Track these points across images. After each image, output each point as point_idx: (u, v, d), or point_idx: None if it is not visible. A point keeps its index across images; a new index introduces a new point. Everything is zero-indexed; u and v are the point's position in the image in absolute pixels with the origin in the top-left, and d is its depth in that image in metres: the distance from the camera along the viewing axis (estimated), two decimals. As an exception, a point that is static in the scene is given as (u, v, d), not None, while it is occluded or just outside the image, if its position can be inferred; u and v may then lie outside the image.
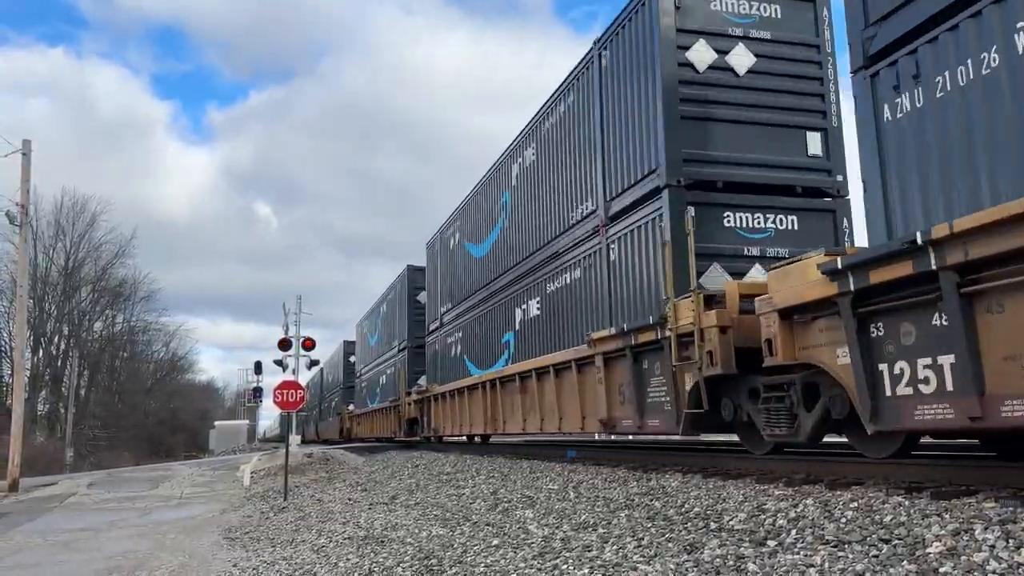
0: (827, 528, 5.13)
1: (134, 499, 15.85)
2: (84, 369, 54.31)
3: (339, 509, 11.25)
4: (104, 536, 10.64)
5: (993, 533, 4.26)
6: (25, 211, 21.26)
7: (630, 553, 5.57)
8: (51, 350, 52.82)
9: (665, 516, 6.62)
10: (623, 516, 6.95)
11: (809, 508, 5.70)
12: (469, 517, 8.55)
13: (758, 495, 6.56)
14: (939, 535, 4.45)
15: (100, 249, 55.89)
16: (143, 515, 13.10)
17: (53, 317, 52.90)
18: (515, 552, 6.26)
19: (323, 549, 7.97)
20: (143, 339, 65.30)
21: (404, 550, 7.15)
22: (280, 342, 29.31)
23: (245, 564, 7.67)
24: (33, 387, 44.79)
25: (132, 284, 59.73)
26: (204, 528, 11.00)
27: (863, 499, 5.60)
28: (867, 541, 4.68)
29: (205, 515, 12.70)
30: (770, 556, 4.86)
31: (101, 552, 9.25)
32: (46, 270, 52.30)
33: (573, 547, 6.07)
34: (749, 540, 5.31)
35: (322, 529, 9.43)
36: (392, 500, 11.43)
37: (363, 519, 9.70)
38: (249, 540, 9.38)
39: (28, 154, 21.13)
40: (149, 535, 10.52)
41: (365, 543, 7.87)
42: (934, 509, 4.96)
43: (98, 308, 57.69)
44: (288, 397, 15.09)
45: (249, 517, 11.79)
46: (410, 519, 9.16)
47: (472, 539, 7.17)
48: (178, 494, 16.68)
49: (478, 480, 11.72)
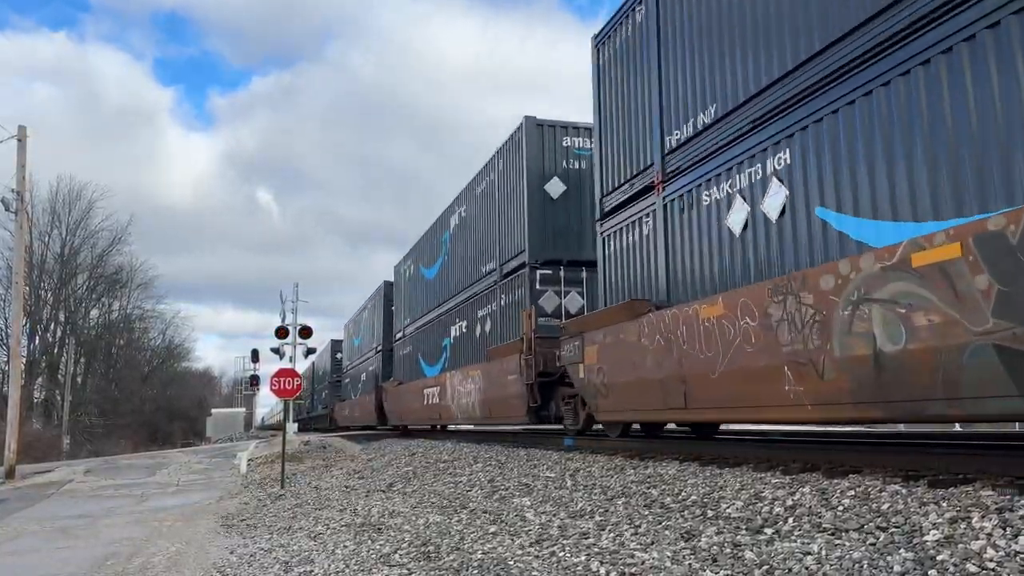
0: (824, 516, 5.14)
1: (131, 486, 15.85)
2: (81, 356, 54.27)
3: (336, 496, 11.26)
4: (101, 523, 10.64)
5: (991, 521, 4.26)
6: (21, 197, 21.16)
7: (627, 540, 5.58)
8: (47, 337, 52.74)
9: (662, 504, 6.63)
10: (620, 504, 6.96)
11: (806, 496, 5.70)
12: (466, 505, 8.56)
13: (755, 483, 6.56)
14: (936, 523, 4.45)
15: (97, 236, 55.75)
16: (140, 502, 13.11)
17: (49, 304, 52.79)
18: (512, 539, 6.27)
19: (320, 536, 7.97)
20: (140, 326, 65.28)
21: (401, 537, 7.15)
22: (277, 330, 29.40)
23: (242, 551, 7.67)
24: (29, 374, 44.73)
25: (129, 271, 59.68)
26: (201, 515, 11.01)
27: (860, 487, 5.60)
28: (864, 529, 4.68)
29: (202, 502, 12.71)
30: (767, 544, 4.86)
31: (98, 539, 9.25)
32: (42, 257, 52.14)
33: (570, 534, 6.07)
34: (746, 528, 5.32)
35: (319, 516, 9.43)
36: (389, 488, 11.44)
37: (360, 506, 9.71)
38: (246, 527, 9.38)
39: (24, 140, 21.01)
40: (146, 522, 10.53)
41: (362, 530, 7.87)
42: (931, 497, 4.96)
43: (95, 295, 57.61)
44: (285, 385, 15.09)
45: (246, 504, 11.80)
46: (407, 506, 9.17)
47: (469, 526, 7.18)
48: (175, 481, 16.69)
49: (475, 468, 11.74)
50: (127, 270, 59.45)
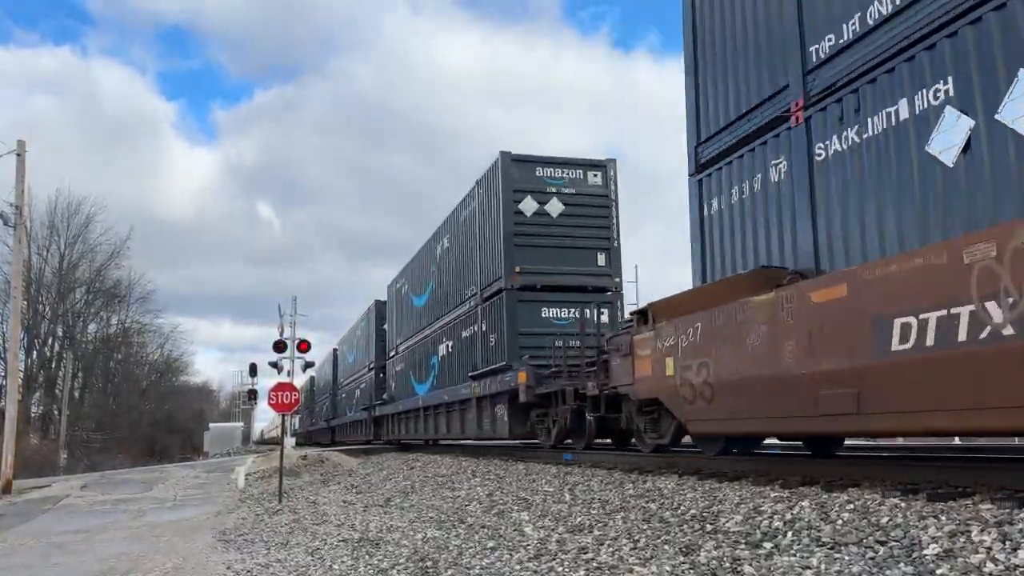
0: (823, 530, 5.12)
1: (128, 501, 15.77)
2: (78, 371, 54.06)
3: (334, 511, 11.21)
4: (98, 538, 10.58)
5: (990, 535, 4.25)
6: (19, 212, 21.18)
7: (626, 555, 5.55)
8: (45, 351, 52.58)
9: (661, 518, 6.60)
10: (619, 518, 6.94)
11: (805, 510, 5.69)
12: (464, 519, 8.52)
13: (754, 497, 6.55)
14: (936, 537, 4.44)
15: (95, 250, 55.66)
16: (137, 517, 13.04)
17: (47, 318, 52.67)
18: (511, 554, 6.24)
19: (318, 551, 7.93)
20: (138, 341, 65.08)
21: (399, 552, 7.11)
22: (275, 344, 29.36)
23: (239, 567, 7.62)
24: (27, 388, 44.60)
25: (127, 285, 59.52)
26: (198, 530, 10.95)
27: (859, 501, 5.59)
28: (864, 543, 4.67)
29: (199, 517, 12.65)
30: (766, 558, 4.84)
31: (95, 554, 9.19)
32: (40, 271, 52.07)
33: (569, 549, 6.05)
34: (745, 542, 5.30)
35: (317, 531, 9.39)
36: (387, 502, 11.39)
37: (358, 521, 9.66)
38: (244, 542, 9.32)
39: (23, 155, 21.05)
40: (143, 537, 10.47)
41: (360, 545, 7.83)
42: (931, 511, 4.95)
43: (92, 309, 57.46)
44: (283, 399, 15.06)
45: (244, 519, 11.74)
46: (405, 521, 9.13)
47: (468, 541, 7.15)
48: (172, 496, 16.61)
49: (473, 482, 11.69)
50: (125, 284, 59.33)
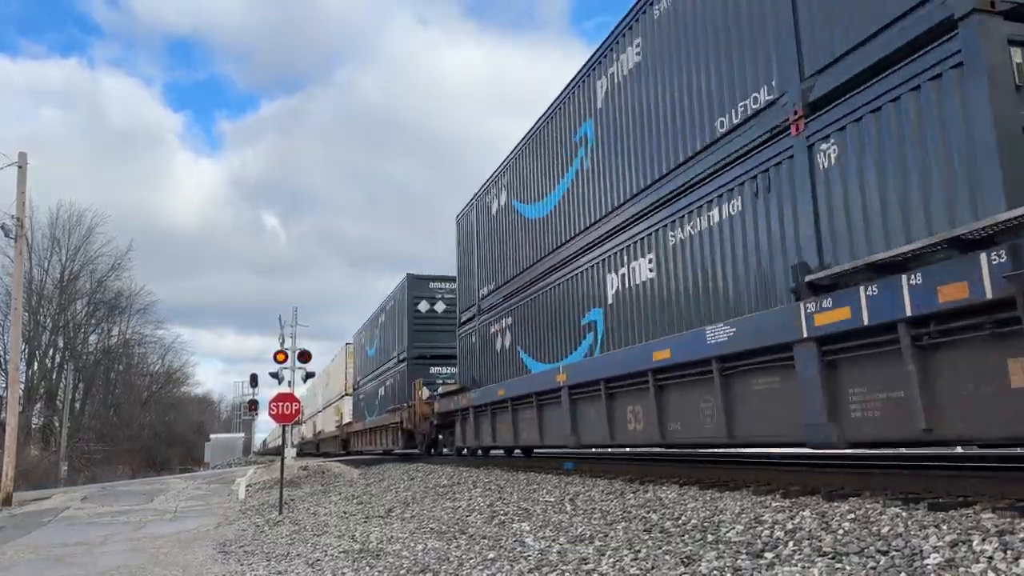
0: (824, 540, 5.11)
1: (128, 513, 15.74)
2: (79, 382, 54.05)
3: (334, 522, 11.18)
4: (98, 550, 10.55)
5: (991, 544, 4.24)
6: (21, 224, 21.23)
7: (627, 566, 5.54)
8: (46, 363, 52.59)
9: (662, 528, 6.59)
10: (620, 528, 6.92)
11: (806, 519, 5.68)
12: (465, 530, 8.50)
13: (755, 507, 6.53)
14: (937, 546, 4.42)
15: (96, 261, 55.78)
16: (137, 529, 13.01)
17: (48, 330, 52.72)
18: (511, 565, 6.22)
19: (318, 563, 7.91)
20: (139, 352, 65.13)
21: (400, 563, 7.10)
22: (276, 355, 29.36)
23: (239, 578, 7.61)
24: (28, 400, 44.56)
25: (128, 296, 59.59)
26: (199, 542, 10.92)
27: (860, 510, 5.58)
28: (865, 552, 4.65)
29: (200, 529, 12.61)
30: (767, 568, 4.83)
31: (95, 566, 9.17)
32: (41, 283, 52.17)
33: (570, 560, 6.03)
34: (746, 552, 5.28)
35: (317, 543, 9.37)
36: (388, 513, 11.37)
37: (358, 532, 9.64)
38: (244, 554, 9.30)
39: (24, 167, 21.13)
40: (143, 549, 10.44)
41: (360, 557, 7.82)
42: (932, 520, 4.94)
43: (93, 321, 57.51)
44: (283, 409, 15.05)
45: (244, 531, 11.71)
46: (406, 532, 9.11)
47: (468, 552, 7.13)
48: (173, 508, 16.57)
49: (474, 493, 11.67)
50: (126, 295, 59.42)
